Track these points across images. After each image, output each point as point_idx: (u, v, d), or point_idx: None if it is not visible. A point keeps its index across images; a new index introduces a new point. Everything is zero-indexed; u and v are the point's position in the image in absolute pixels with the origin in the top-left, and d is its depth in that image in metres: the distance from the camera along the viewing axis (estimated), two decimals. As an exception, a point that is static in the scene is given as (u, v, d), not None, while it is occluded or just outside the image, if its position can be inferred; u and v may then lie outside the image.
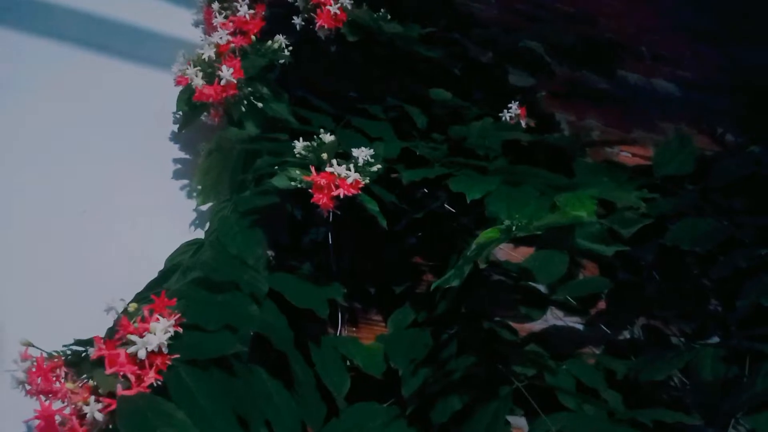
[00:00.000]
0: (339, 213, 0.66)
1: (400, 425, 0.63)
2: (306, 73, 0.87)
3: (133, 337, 0.50)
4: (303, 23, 0.86)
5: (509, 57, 1.11)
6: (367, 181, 0.65)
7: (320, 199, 0.63)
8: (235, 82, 0.73)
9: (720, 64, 1.65)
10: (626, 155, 1.32)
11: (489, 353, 0.68)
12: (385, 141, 0.83)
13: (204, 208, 0.86)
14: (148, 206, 0.84)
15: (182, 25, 1.05)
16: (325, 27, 0.84)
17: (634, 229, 0.66)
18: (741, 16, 1.71)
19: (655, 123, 1.46)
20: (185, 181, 0.88)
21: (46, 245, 0.78)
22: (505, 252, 0.95)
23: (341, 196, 0.62)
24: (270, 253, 0.78)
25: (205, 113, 0.82)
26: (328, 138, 0.67)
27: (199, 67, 0.73)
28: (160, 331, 0.50)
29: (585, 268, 0.97)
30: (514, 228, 0.50)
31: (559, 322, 0.94)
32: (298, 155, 0.66)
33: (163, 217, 0.84)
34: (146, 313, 0.51)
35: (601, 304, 0.98)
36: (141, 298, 0.63)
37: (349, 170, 0.63)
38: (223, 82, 0.72)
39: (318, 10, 0.83)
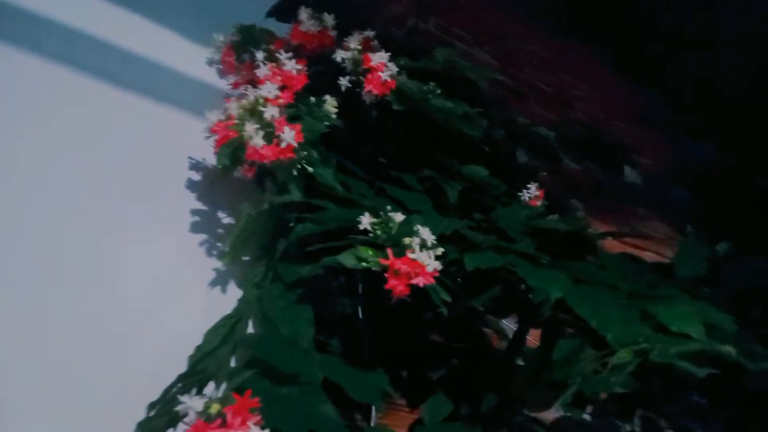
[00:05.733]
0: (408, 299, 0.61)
1: None
2: (347, 137, 0.83)
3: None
4: (349, 85, 0.82)
5: (521, 138, 1.13)
6: (440, 267, 0.62)
7: (396, 286, 0.59)
8: (296, 145, 0.68)
9: (674, 156, 1.78)
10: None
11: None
12: (423, 214, 0.80)
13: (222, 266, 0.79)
14: (165, 262, 0.76)
15: (195, 62, 0.98)
16: (373, 92, 0.81)
17: (764, 365, 0.63)
18: (689, 110, 1.85)
19: (626, 209, 1.54)
20: (203, 236, 0.81)
21: (55, 300, 0.68)
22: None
23: (421, 285, 0.59)
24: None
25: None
26: (398, 217, 0.64)
27: (257, 125, 0.67)
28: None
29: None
30: (654, 352, 0.48)
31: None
32: (370, 234, 0.62)
33: (181, 275, 0.76)
34: (229, 416, 0.44)
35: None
36: (189, 381, 0.55)
37: (430, 258, 0.60)
38: (283, 144, 0.67)
39: (368, 75, 0.81)
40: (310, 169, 0.72)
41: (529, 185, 0.98)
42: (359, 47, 0.81)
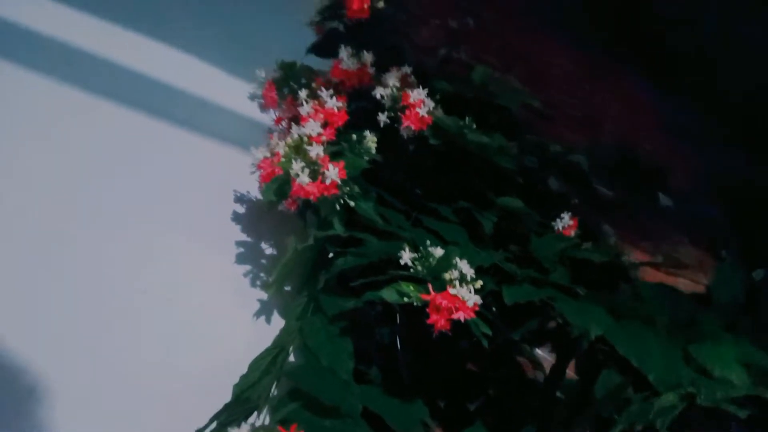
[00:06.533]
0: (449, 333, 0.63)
1: None
2: (384, 169, 0.86)
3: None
4: (387, 121, 0.85)
5: (553, 165, 1.14)
6: (480, 301, 0.63)
7: (438, 321, 0.61)
8: (339, 181, 0.71)
9: (706, 170, 1.75)
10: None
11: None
12: (460, 246, 0.82)
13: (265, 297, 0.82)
14: (211, 292, 0.79)
15: (237, 97, 1.02)
16: (411, 128, 0.84)
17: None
18: (722, 120, 1.80)
19: (658, 233, 1.53)
20: (248, 267, 0.84)
21: (99, 325, 0.72)
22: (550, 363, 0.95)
23: (462, 320, 0.60)
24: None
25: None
26: (438, 252, 0.66)
27: (303, 163, 0.70)
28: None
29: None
30: (701, 397, 0.49)
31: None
32: (411, 270, 0.64)
33: (226, 304, 0.79)
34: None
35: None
36: (234, 411, 0.58)
37: (470, 292, 0.61)
38: (327, 182, 0.70)
39: (407, 111, 0.83)
40: (352, 204, 0.75)
41: (562, 214, 0.99)
42: (397, 84, 0.84)
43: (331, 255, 0.80)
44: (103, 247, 0.78)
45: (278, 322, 0.78)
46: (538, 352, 0.97)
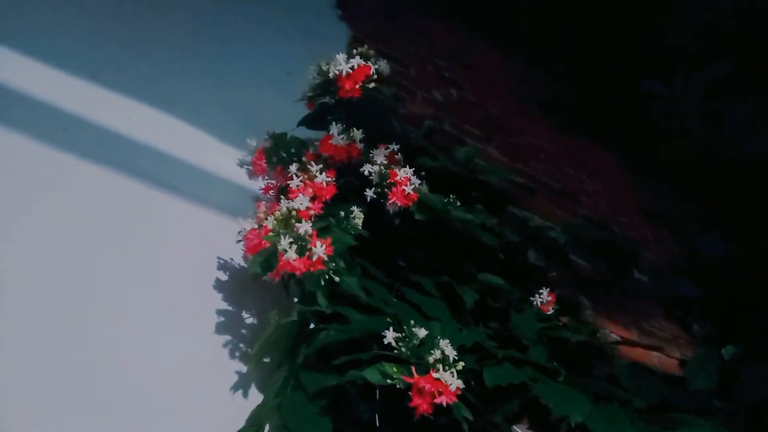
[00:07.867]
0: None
1: None
2: (370, 241, 0.87)
3: None
4: (374, 196, 0.87)
5: (533, 240, 1.18)
6: (462, 385, 0.64)
7: (421, 404, 0.61)
8: (325, 258, 0.72)
9: (679, 250, 1.80)
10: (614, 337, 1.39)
11: None
12: (441, 322, 0.83)
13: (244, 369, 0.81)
14: (189, 362, 0.78)
15: (224, 162, 1.03)
16: (397, 203, 0.86)
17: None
18: (693, 203, 1.86)
19: (633, 307, 1.56)
20: (228, 337, 0.83)
21: (78, 396, 0.70)
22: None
23: (444, 405, 0.61)
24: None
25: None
26: (421, 332, 0.67)
27: (291, 239, 0.71)
28: None
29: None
30: None
31: None
32: (395, 351, 0.65)
33: (204, 375, 0.78)
34: None
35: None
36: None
37: (453, 376, 0.62)
38: (314, 258, 0.71)
39: (393, 188, 0.86)
40: (337, 279, 0.76)
41: (541, 290, 1.01)
42: (385, 162, 0.87)
43: (312, 326, 0.80)
44: (82, 314, 0.77)
45: (255, 396, 0.77)
46: (516, 429, 0.97)
